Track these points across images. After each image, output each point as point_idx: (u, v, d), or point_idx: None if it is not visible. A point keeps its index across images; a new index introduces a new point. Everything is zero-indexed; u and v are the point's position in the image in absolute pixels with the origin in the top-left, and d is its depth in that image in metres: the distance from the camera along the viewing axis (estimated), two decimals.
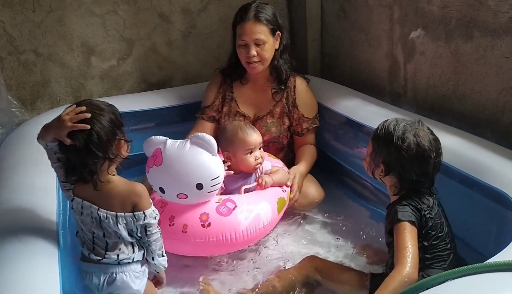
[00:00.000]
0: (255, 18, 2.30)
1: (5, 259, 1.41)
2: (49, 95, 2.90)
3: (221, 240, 1.87)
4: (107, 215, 1.47)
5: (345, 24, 2.96)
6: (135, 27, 2.99)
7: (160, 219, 1.83)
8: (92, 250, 1.52)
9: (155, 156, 1.85)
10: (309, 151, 2.45)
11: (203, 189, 1.82)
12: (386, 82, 2.69)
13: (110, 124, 1.46)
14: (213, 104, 2.51)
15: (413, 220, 1.52)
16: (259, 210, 1.95)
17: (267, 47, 2.32)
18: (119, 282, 1.51)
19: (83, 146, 1.41)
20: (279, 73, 2.42)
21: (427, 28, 2.32)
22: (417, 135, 1.57)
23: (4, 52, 2.74)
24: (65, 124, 1.43)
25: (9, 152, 2.23)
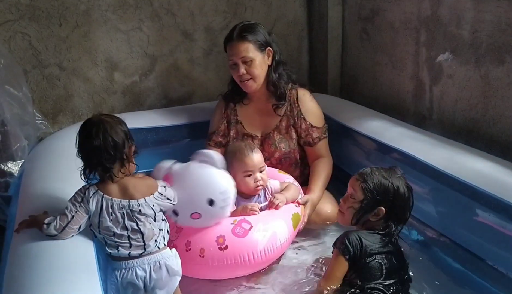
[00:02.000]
0: (239, 37, 2.32)
1: (44, 279, 1.39)
2: (71, 109, 2.90)
3: (239, 262, 1.84)
4: (139, 202, 1.65)
5: (368, 45, 2.98)
6: (158, 43, 3.01)
7: (176, 244, 1.86)
8: (130, 247, 1.64)
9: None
10: (323, 168, 2.40)
11: (216, 205, 1.80)
12: (410, 104, 2.70)
13: (123, 131, 1.66)
14: (218, 130, 2.52)
15: (346, 257, 1.70)
16: (275, 229, 1.93)
17: (256, 64, 2.33)
18: (164, 267, 1.68)
19: (100, 146, 1.59)
20: (275, 88, 2.42)
21: (455, 51, 2.33)
22: (407, 186, 1.79)
23: (29, 65, 2.74)
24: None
25: (37, 165, 2.21)
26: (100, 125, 1.62)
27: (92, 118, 1.67)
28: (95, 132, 1.60)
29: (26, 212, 1.82)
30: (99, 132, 1.60)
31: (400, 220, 1.79)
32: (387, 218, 1.76)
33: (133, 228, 1.63)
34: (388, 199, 1.75)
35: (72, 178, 2.11)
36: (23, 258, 1.51)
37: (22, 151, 2.32)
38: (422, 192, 2.13)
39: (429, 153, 2.15)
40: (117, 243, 1.64)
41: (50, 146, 2.45)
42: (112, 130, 1.62)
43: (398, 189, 1.74)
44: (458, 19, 2.29)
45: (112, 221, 1.62)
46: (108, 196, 1.63)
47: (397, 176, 1.78)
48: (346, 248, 1.70)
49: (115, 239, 1.63)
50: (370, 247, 1.71)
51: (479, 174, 1.94)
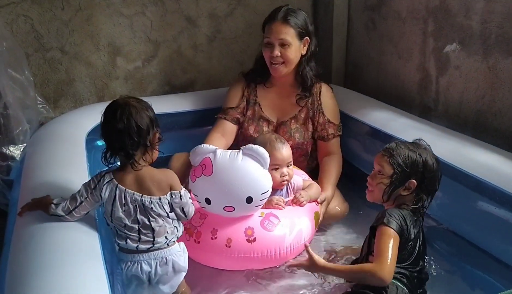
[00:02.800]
0: (283, 19, 2.30)
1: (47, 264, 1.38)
2: (72, 93, 2.87)
3: (266, 255, 1.83)
4: (151, 200, 1.60)
5: (373, 34, 2.95)
6: (162, 29, 2.97)
7: (201, 231, 1.84)
8: (139, 241, 1.62)
9: (204, 165, 1.79)
10: (335, 165, 2.40)
11: (252, 203, 1.78)
12: (416, 94, 2.68)
13: (148, 117, 1.60)
14: (238, 106, 2.48)
15: (397, 231, 1.63)
16: (301, 226, 1.92)
17: (291, 49, 2.31)
18: (170, 263, 1.65)
19: (124, 130, 1.55)
20: (304, 79, 2.40)
21: (463, 42, 2.31)
22: (435, 157, 1.76)
23: (30, 48, 2.71)
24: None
25: (39, 150, 2.19)
26: (125, 108, 1.57)
27: (119, 100, 1.62)
28: (119, 115, 1.56)
29: (28, 196, 1.80)
30: (123, 116, 1.56)
31: (430, 192, 1.75)
32: (419, 191, 1.73)
33: (144, 223, 1.61)
34: (418, 171, 1.71)
35: (74, 163, 2.12)
36: (26, 243, 1.49)
37: (24, 135, 2.30)
38: None
39: (434, 144, 2.10)
40: (126, 235, 1.62)
41: (52, 130, 2.42)
42: (137, 114, 1.57)
43: (427, 160, 1.72)
44: (467, 10, 2.26)
45: (125, 212, 1.60)
46: (122, 187, 1.60)
47: (422, 148, 1.77)
48: (395, 222, 1.64)
49: (125, 230, 1.61)
50: (410, 227, 1.67)
51: (485, 166, 1.92)
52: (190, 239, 1.85)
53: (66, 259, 1.39)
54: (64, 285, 1.27)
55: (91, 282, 1.31)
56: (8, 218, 1.84)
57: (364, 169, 2.57)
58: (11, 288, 1.32)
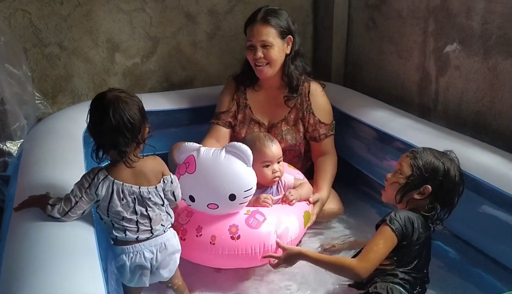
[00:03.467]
0: (263, 20, 2.27)
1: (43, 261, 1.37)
2: (71, 89, 2.86)
3: (250, 253, 1.83)
4: (149, 190, 1.60)
5: (374, 33, 2.94)
6: (161, 25, 2.96)
7: (187, 229, 1.85)
8: (137, 232, 1.61)
9: (187, 163, 1.80)
10: (329, 166, 2.38)
11: (235, 200, 1.78)
12: (415, 94, 2.67)
13: (139, 112, 1.56)
14: (229, 110, 2.47)
15: (396, 232, 1.62)
16: (288, 224, 1.92)
17: (274, 49, 2.28)
18: (168, 247, 1.67)
19: (116, 127, 1.50)
20: (290, 79, 2.37)
21: (464, 42, 2.30)
22: (460, 171, 1.74)
23: (29, 43, 2.69)
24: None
25: (36, 145, 2.18)
26: (117, 104, 1.50)
27: (108, 95, 1.55)
28: (112, 111, 1.49)
29: (25, 192, 1.79)
30: (116, 113, 1.49)
31: (445, 204, 1.72)
32: (433, 199, 1.70)
33: (142, 213, 1.61)
34: (436, 178, 1.69)
35: (71, 159, 2.11)
36: (23, 240, 1.48)
37: (21, 131, 2.28)
38: None
39: (433, 144, 2.10)
40: (124, 227, 1.60)
41: (50, 126, 2.41)
42: (130, 110, 1.52)
43: (449, 170, 1.69)
44: (467, 10, 2.25)
45: (123, 205, 1.58)
46: (118, 182, 1.57)
47: (449, 158, 1.74)
48: (398, 223, 1.62)
49: (123, 223, 1.59)
50: (417, 231, 1.64)
51: (484, 167, 1.92)
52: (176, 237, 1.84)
53: (61, 256, 1.38)
54: (59, 282, 1.26)
55: (87, 279, 1.30)
56: (5, 214, 1.83)
57: (362, 169, 2.57)
58: (6, 284, 1.31)
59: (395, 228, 1.61)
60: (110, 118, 1.49)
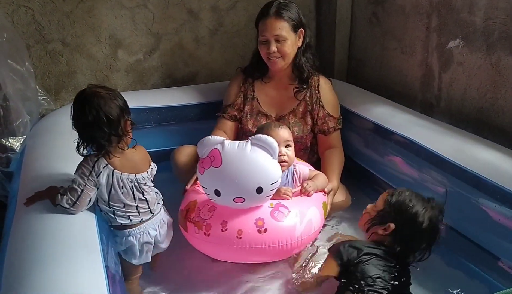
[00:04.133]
0: (276, 14, 2.28)
1: (45, 257, 1.38)
2: (74, 86, 2.86)
3: (277, 246, 1.79)
4: (142, 176, 1.75)
5: (377, 29, 2.93)
6: (163, 21, 2.96)
7: (210, 224, 1.80)
8: (139, 214, 1.77)
9: (212, 157, 1.74)
10: (337, 158, 2.39)
11: (262, 193, 1.74)
12: (418, 90, 2.66)
13: (118, 106, 1.63)
14: (234, 103, 2.48)
15: (338, 261, 1.71)
16: (311, 216, 1.89)
17: (288, 43, 2.30)
18: (166, 222, 1.88)
19: (93, 123, 1.58)
20: (301, 71, 2.39)
21: (467, 38, 2.29)
22: (431, 219, 1.70)
23: (31, 40, 2.70)
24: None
25: (37, 142, 2.19)
26: (93, 100, 1.58)
27: (86, 91, 1.62)
28: (88, 108, 1.57)
29: (28, 188, 1.81)
30: (92, 109, 1.57)
31: (407, 246, 1.71)
32: (394, 239, 1.72)
33: (139, 198, 1.74)
34: (401, 219, 1.71)
35: (74, 155, 2.10)
36: (25, 235, 1.50)
37: (24, 127, 2.29)
38: (426, 181, 2.11)
39: (436, 141, 2.12)
40: (128, 214, 1.73)
41: (52, 122, 2.42)
42: (106, 105, 1.59)
43: (416, 215, 1.69)
44: (470, 5, 2.24)
45: (124, 194, 1.69)
46: (118, 171, 1.67)
47: (427, 205, 1.72)
48: (338, 254, 1.70)
49: (125, 209, 1.72)
50: (366, 250, 1.69)
51: (486, 164, 1.91)
52: (199, 232, 1.82)
53: (63, 252, 1.39)
54: (60, 277, 1.27)
55: (88, 276, 1.31)
56: (8, 210, 1.84)
57: (365, 165, 2.57)
58: (9, 279, 1.32)
59: (336, 259, 1.71)
60: (86, 114, 1.57)
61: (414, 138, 2.18)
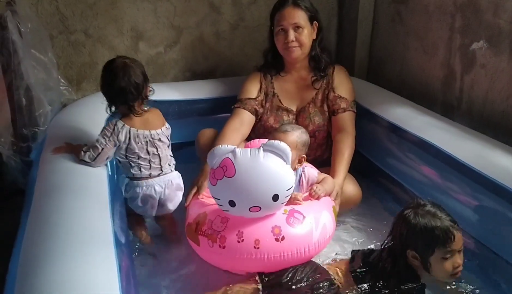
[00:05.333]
0: (294, 4, 2.35)
1: (60, 247, 1.41)
2: (95, 77, 2.90)
3: (295, 253, 1.74)
4: (157, 132, 2.02)
5: (400, 28, 2.88)
6: (185, 15, 2.97)
7: (225, 235, 1.74)
8: (150, 168, 2.02)
9: (225, 167, 1.68)
10: (346, 146, 2.31)
11: (278, 201, 1.70)
12: (439, 91, 2.62)
13: (142, 74, 1.96)
14: (256, 98, 2.47)
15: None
16: (325, 220, 1.86)
17: (305, 32, 2.35)
18: (174, 184, 2.08)
19: (125, 88, 1.90)
20: (318, 62, 2.44)
21: (490, 40, 2.24)
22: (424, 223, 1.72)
23: (55, 30, 2.74)
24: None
25: (58, 132, 2.22)
26: (125, 69, 1.90)
27: (116, 61, 1.93)
28: (121, 75, 1.89)
29: (46, 177, 1.86)
30: (125, 75, 1.89)
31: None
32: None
33: (153, 153, 2.01)
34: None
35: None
36: (42, 225, 1.52)
37: (45, 117, 2.33)
38: (444, 186, 2.09)
39: (455, 145, 2.08)
40: (140, 165, 2.01)
41: (73, 113, 2.46)
42: (135, 74, 1.91)
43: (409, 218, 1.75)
44: (495, 7, 2.19)
45: (139, 148, 1.98)
46: (134, 129, 1.96)
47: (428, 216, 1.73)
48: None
49: (139, 161, 2.00)
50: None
51: (506, 170, 1.87)
52: (214, 245, 1.75)
53: (78, 246, 1.41)
54: (73, 270, 1.29)
55: (101, 270, 1.33)
56: (26, 198, 1.88)
57: (381, 166, 2.55)
58: (24, 269, 1.35)
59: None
60: (120, 80, 1.89)
61: (432, 141, 2.14)
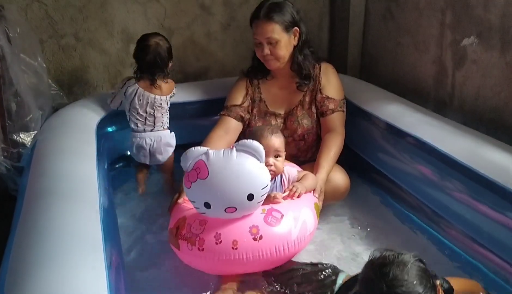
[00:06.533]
0: (266, 17, 2.22)
1: (50, 253, 1.40)
2: (86, 80, 2.89)
3: (274, 252, 1.74)
4: (160, 98, 2.45)
5: (391, 25, 2.88)
6: (175, 16, 2.96)
7: (203, 238, 1.73)
8: (145, 124, 2.46)
9: (198, 169, 1.68)
10: (333, 145, 2.30)
11: (254, 200, 1.69)
12: (431, 88, 2.61)
13: (168, 52, 2.43)
14: (242, 105, 2.44)
15: None
16: (305, 217, 1.85)
17: (281, 45, 2.25)
18: (163, 140, 2.49)
19: (154, 62, 2.39)
20: (300, 69, 2.36)
21: (481, 36, 2.23)
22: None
23: (45, 35, 2.73)
24: None
25: (50, 137, 2.22)
26: (155, 46, 2.37)
27: (150, 39, 2.38)
28: (151, 50, 2.36)
29: (37, 183, 1.84)
30: (154, 52, 2.36)
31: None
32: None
33: (150, 113, 2.43)
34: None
35: (83, 151, 2.14)
36: (31, 231, 1.51)
37: (35, 122, 2.32)
38: (437, 182, 2.08)
39: (447, 141, 2.07)
40: (137, 120, 2.44)
41: (64, 118, 2.45)
42: (163, 51, 2.39)
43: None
44: (486, 2, 2.18)
45: (139, 104, 2.40)
46: (141, 89, 2.40)
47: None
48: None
49: (137, 116, 2.43)
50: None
51: (499, 167, 1.86)
52: (193, 249, 1.75)
53: (66, 251, 1.40)
54: (61, 275, 1.29)
55: (89, 277, 1.32)
56: (17, 204, 1.87)
57: (375, 164, 2.54)
58: (13, 275, 1.34)
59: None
60: (148, 54, 2.36)
61: (424, 138, 2.13)
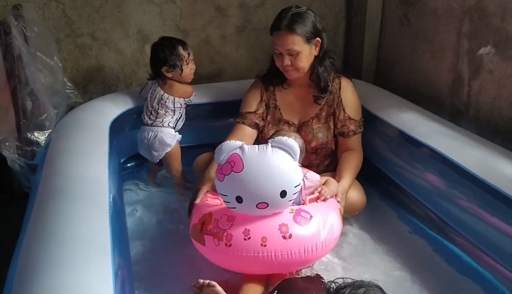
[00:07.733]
0: (288, 28, 2.16)
1: (58, 255, 1.41)
2: (101, 80, 2.92)
3: (303, 252, 1.73)
4: (168, 97, 2.54)
5: (407, 31, 2.85)
6: (191, 18, 2.97)
7: (231, 233, 1.72)
8: (148, 118, 2.57)
9: (232, 162, 1.68)
10: (354, 160, 2.33)
11: (286, 197, 1.68)
12: (446, 96, 2.58)
13: (180, 57, 2.51)
14: (256, 112, 2.41)
15: None
16: (332, 221, 1.84)
17: (301, 57, 2.21)
18: (158, 136, 2.55)
19: (152, 60, 2.56)
20: (318, 80, 2.31)
21: (498, 46, 2.20)
22: None
23: (61, 34, 2.76)
24: None
25: (63, 136, 2.24)
26: (164, 50, 2.48)
27: (161, 40, 2.53)
28: (161, 51, 2.47)
29: (48, 182, 1.87)
30: (164, 53, 2.47)
31: None
32: None
33: (155, 109, 2.54)
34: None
35: (95, 151, 2.16)
36: (40, 232, 1.53)
37: (50, 121, 2.34)
38: (449, 193, 2.05)
39: (461, 152, 2.04)
40: (145, 113, 2.58)
41: (78, 117, 2.47)
42: (172, 54, 2.48)
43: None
44: (503, 12, 2.15)
45: (150, 99, 2.56)
46: (156, 85, 2.56)
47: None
48: None
49: (145, 110, 2.58)
50: None
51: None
52: (219, 244, 1.74)
53: (74, 252, 1.42)
54: (67, 279, 1.30)
55: (96, 279, 1.33)
56: (29, 202, 1.89)
57: (386, 171, 2.52)
58: (22, 271, 1.36)
59: None
60: (160, 52, 2.49)
61: (437, 148, 2.11)
